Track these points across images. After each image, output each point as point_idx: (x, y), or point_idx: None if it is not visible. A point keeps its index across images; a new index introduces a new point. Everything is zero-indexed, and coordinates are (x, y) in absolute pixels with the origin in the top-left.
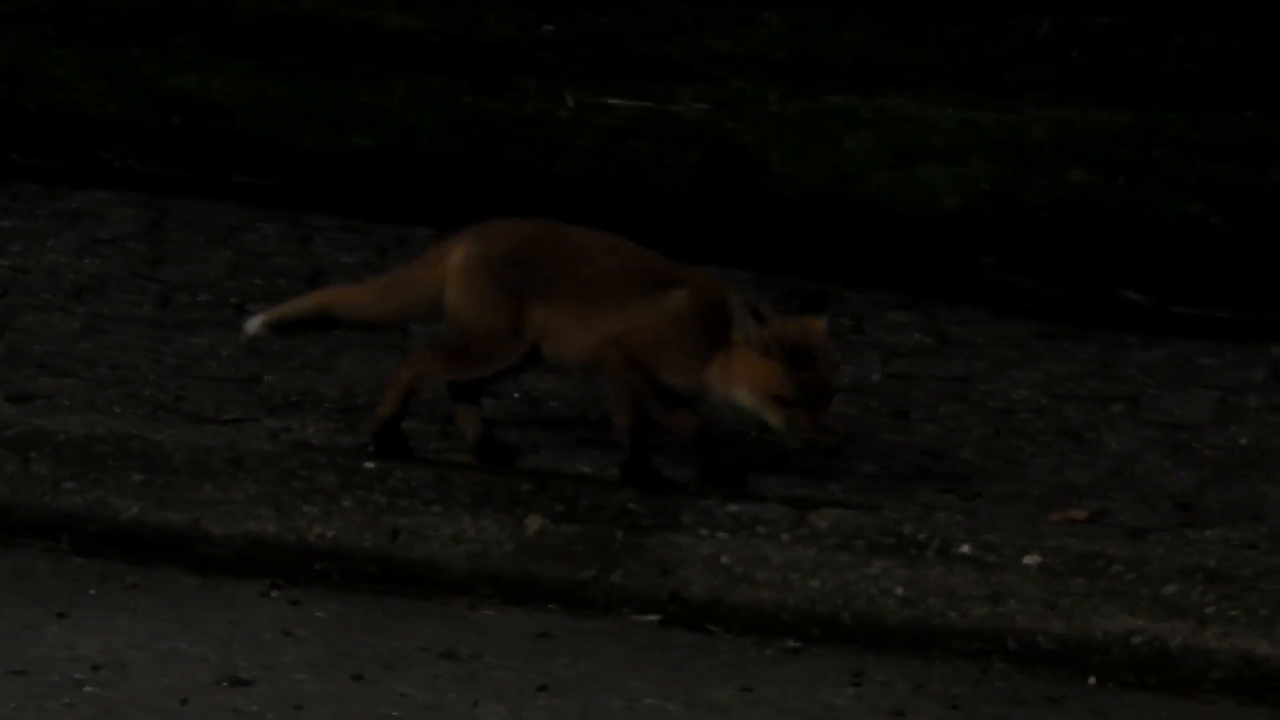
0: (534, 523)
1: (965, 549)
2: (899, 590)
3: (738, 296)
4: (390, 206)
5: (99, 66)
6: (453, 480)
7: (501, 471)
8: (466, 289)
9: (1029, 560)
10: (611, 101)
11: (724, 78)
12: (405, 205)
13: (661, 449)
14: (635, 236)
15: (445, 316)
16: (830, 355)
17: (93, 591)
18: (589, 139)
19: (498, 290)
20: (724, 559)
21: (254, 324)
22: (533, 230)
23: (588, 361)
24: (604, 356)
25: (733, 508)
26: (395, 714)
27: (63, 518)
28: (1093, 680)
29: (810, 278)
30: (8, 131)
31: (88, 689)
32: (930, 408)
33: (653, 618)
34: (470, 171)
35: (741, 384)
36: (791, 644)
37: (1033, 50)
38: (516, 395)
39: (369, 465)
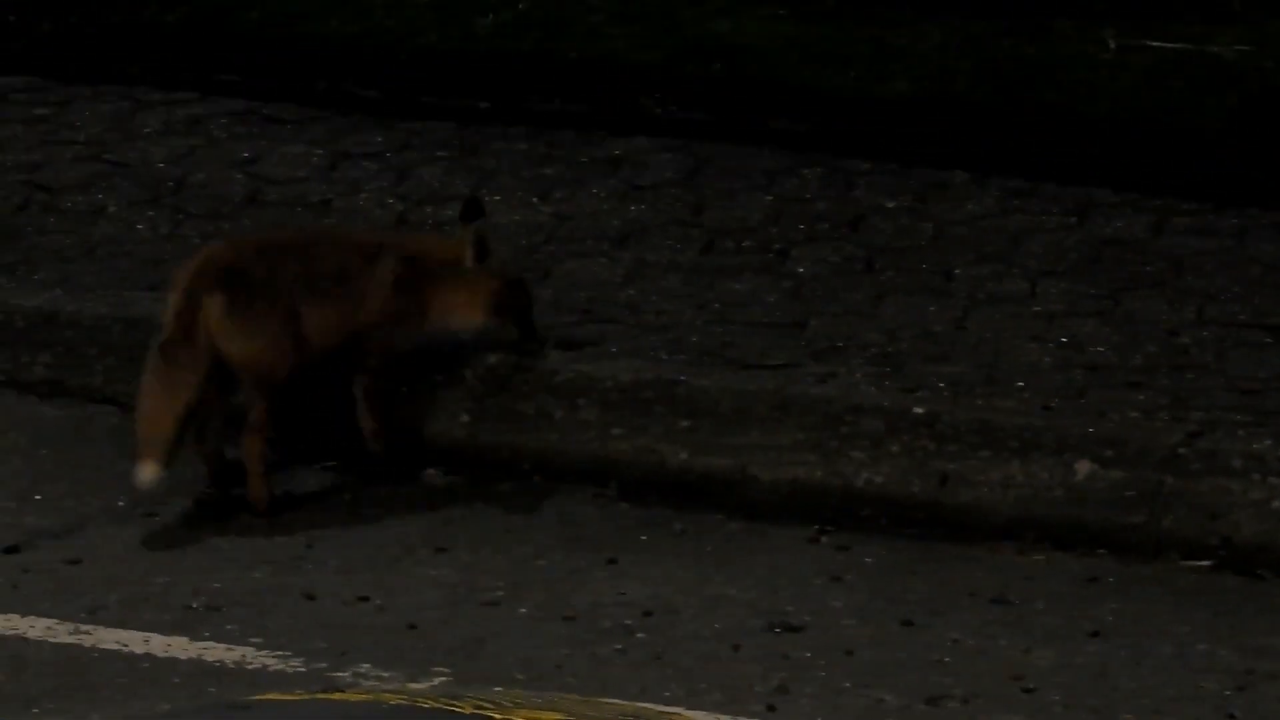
0: (1083, 468)
1: None
2: None
3: None
4: (927, 151)
5: (634, 13)
6: (999, 425)
7: (1049, 417)
8: None
9: None
10: (1151, 43)
11: (1262, 19)
12: (942, 150)
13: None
14: (1167, 179)
15: None
16: None
17: (643, 537)
18: (1126, 81)
19: None
20: (1275, 504)
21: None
22: None
23: None
24: None
25: None
26: (946, 659)
27: (610, 464)
28: None
29: None
30: (548, 79)
31: (639, 635)
32: None
33: (1202, 563)
34: (1006, 115)
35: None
36: None
37: None
38: None
39: (916, 411)
